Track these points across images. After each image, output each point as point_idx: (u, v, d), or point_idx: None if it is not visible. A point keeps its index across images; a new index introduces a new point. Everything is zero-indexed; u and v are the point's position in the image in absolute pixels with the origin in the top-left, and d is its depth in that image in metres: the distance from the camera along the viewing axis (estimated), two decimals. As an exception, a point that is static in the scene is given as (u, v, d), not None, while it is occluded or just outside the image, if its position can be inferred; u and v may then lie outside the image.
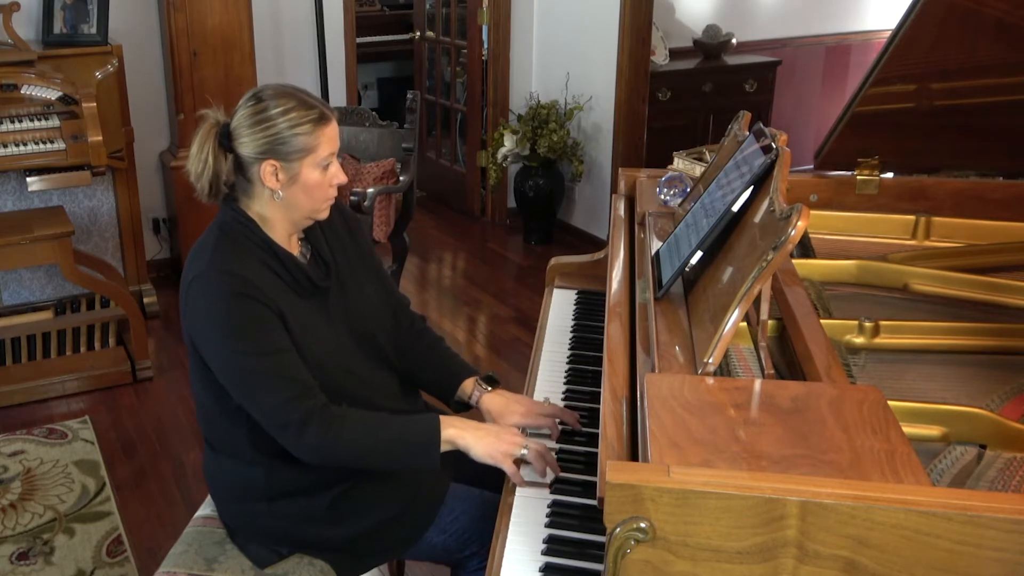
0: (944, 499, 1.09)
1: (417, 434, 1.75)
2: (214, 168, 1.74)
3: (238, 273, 1.69)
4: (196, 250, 1.78)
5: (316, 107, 1.73)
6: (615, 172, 4.74)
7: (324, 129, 1.73)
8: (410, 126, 3.81)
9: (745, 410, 1.32)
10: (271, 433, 1.72)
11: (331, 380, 1.76)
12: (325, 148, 1.74)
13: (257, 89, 1.77)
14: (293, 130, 1.70)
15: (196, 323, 1.73)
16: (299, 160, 1.72)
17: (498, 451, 1.71)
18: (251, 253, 1.74)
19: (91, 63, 3.85)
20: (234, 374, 1.71)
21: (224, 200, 1.79)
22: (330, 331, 1.81)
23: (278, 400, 1.68)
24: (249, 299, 1.68)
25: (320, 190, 1.76)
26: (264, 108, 1.71)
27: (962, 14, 2.05)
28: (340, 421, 1.70)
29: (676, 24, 5.70)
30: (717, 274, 1.62)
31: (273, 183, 1.73)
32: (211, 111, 1.78)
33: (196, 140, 1.75)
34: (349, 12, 5.04)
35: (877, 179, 2.28)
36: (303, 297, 1.78)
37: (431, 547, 1.88)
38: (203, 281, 1.71)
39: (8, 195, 3.90)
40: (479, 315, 4.54)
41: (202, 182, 1.75)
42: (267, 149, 1.71)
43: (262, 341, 1.69)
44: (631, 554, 1.13)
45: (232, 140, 1.73)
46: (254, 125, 1.71)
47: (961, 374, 1.70)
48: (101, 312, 3.85)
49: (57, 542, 2.82)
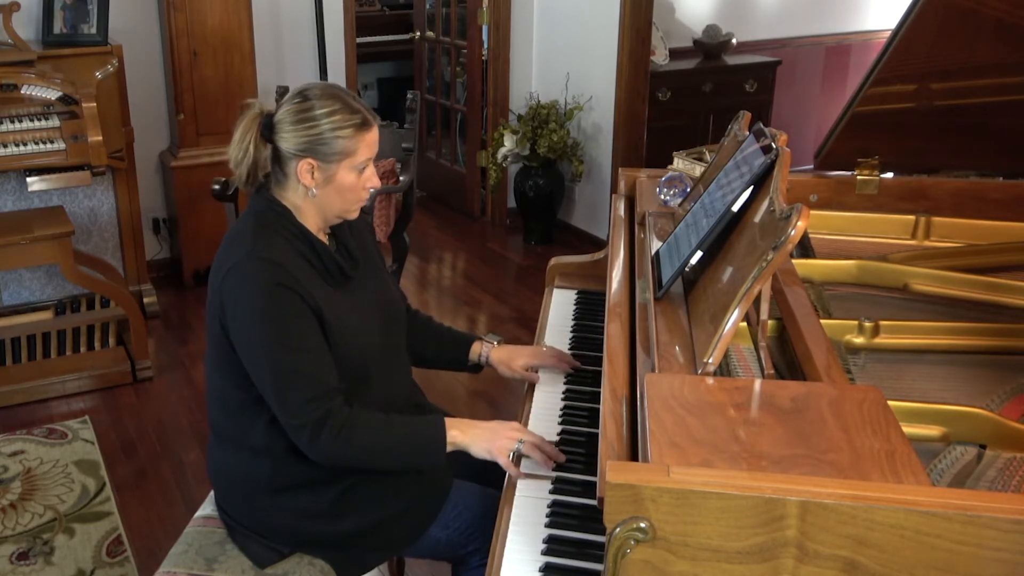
0: (944, 499, 1.09)
1: (423, 437, 1.79)
2: (254, 157, 1.77)
3: (279, 262, 1.72)
4: (232, 238, 1.79)
5: (360, 112, 1.76)
6: (615, 172, 4.74)
7: (365, 135, 1.76)
8: (410, 126, 3.81)
9: (745, 410, 1.32)
10: (286, 429, 1.74)
11: (357, 371, 1.80)
12: (364, 153, 1.77)
13: (304, 86, 1.80)
14: (335, 132, 1.73)
15: (234, 310, 1.73)
16: (337, 162, 1.75)
17: (494, 446, 1.76)
18: (288, 242, 1.76)
19: (91, 63, 3.84)
20: (263, 364, 1.72)
21: (257, 189, 1.82)
22: (359, 320, 1.84)
23: (301, 398, 1.70)
24: (289, 291, 1.71)
25: (353, 192, 1.79)
26: (310, 107, 1.74)
27: (962, 14, 2.05)
28: (351, 424, 1.73)
29: (676, 24, 5.70)
30: (717, 274, 1.62)
31: (309, 181, 1.76)
32: (255, 100, 1.81)
33: (239, 128, 1.78)
34: (349, 12, 5.04)
35: (877, 179, 2.28)
36: (334, 287, 1.81)
37: (434, 543, 1.89)
38: (243, 269, 1.72)
39: (8, 195, 3.90)
40: (479, 315, 4.54)
41: (240, 169, 1.79)
42: (307, 147, 1.74)
43: (296, 336, 1.71)
44: (631, 554, 1.13)
45: (274, 132, 1.76)
46: (297, 123, 1.74)
47: (961, 374, 1.70)
48: (101, 312, 3.85)
49: (57, 542, 2.82)
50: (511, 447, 1.75)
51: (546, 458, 1.74)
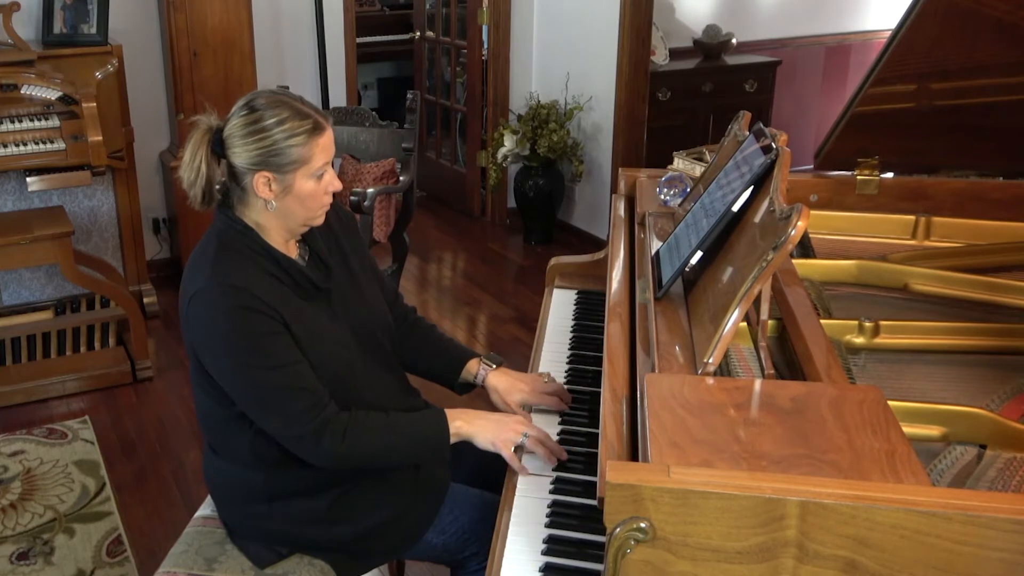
0: (944, 499, 1.09)
1: (427, 430, 1.79)
2: (207, 176, 1.71)
3: (241, 286, 1.67)
4: (194, 262, 1.75)
5: (311, 117, 1.70)
6: (615, 172, 4.74)
7: (319, 139, 1.70)
8: (410, 126, 3.82)
9: (745, 410, 1.32)
10: (284, 443, 1.72)
11: (337, 382, 1.76)
12: (320, 159, 1.71)
13: (250, 96, 1.74)
14: (287, 141, 1.67)
15: (201, 338, 1.71)
16: (293, 171, 1.69)
17: (499, 439, 1.75)
18: (251, 261, 1.72)
19: (91, 63, 3.84)
20: (245, 389, 1.70)
21: (218, 206, 1.77)
22: (335, 332, 1.80)
23: (292, 412, 1.68)
24: (254, 312, 1.66)
25: (314, 199, 1.74)
26: (258, 118, 1.68)
27: (962, 14, 2.05)
28: (353, 427, 1.71)
29: (676, 24, 5.71)
30: (717, 274, 1.62)
31: (267, 194, 1.71)
32: (203, 116, 1.74)
33: (188, 147, 1.72)
34: (349, 12, 5.04)
35: (877, 179, 2.28)
36: (306, 300, 1.77)
37: (431, 547, 1.89)
38: (206, 296, 1.68)
39: (8, 195, 3.90)
40: (479, 315, 4.54)
41: (195, 190, 1.72)
42: (260, 160, 1.68)
43: (271, 354, 1.67)
44: (631, 554, 1.13)
45: (225, 148, 1.71)
46: (247, 136, 1.68)
47: (961, 374, 1.70)
48: (101, 312, 3.85)
49: (57, 542, 2.82)
50: (516, 440, 1.75)
51: (549, 454, 1.74)
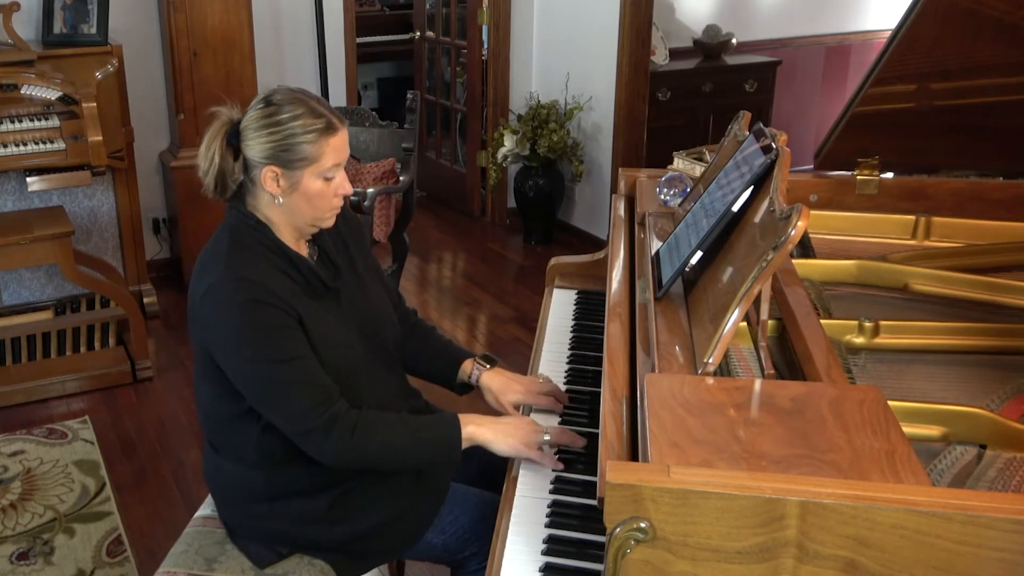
0: (944, 499, 1.09)
1: (438, 434, 1.78)
2: (220, 166, 1.72)
3: (255, 279, 1.68)
4: (207, 257, 1.76)
5: (324, 116, 1.71)
6: (615, 172, 4.74)
7: (330, 139, 1.71)
8: (410, 126, 3.82)
9: (745, 410, 1.32)
10: (293, 439, 1.72)
11: (344, 381, 1.76)
12: (329, 159, 1.72)
13: (270, 91, 1.75)
14: (298, 138, 1.69)
15: (213, 333, 1.71)
16: (301, 168, 1.70)
17: (522, 442, 1.74)
18: (263, 257, 1.72)
19: (91, 63, 3.84)
20: (256, 382, 1.70)
21: (230, 201, 1.78)
22: (342, 332, 1.81)
23: (303, 406, 1.68)
24: (268, 306, 1.67)
25: (322, 199, 1.74)
26: (273, 112, 1.70)
27: (962, 14, 2.05)
28: (363, 424, 1.71)
29: (676, 24, 5.71)
30: (717, 274, 1.62)
31: (273, 188, 1.71)
32: (225, 108, 1.76)
33: (206, 136, 1.74)
34: (349, 12, 5.04)
35: (877, 179, 2.28)
36: (315, 299, 1.77)
37: (431, 547, 1.89)
38: (219, 290, 1.68)
39: (8, 195, 3.90)
40: (479, 315, 4.54)
41: (208, 179, 1.74)
42: (270, 154, 1.69)
43: (284, 347, 1.68)
44: (631, 554, 1.13)
45: (240, 140, 1.72)
46: (261, 128, 1.70)
47: (961, 374, 1.70)
48: (101, 312, 3.85)
49: (57, 542, 2.82)
50: (539, 440, 1.74)
51: (575, 438, 1.75)
